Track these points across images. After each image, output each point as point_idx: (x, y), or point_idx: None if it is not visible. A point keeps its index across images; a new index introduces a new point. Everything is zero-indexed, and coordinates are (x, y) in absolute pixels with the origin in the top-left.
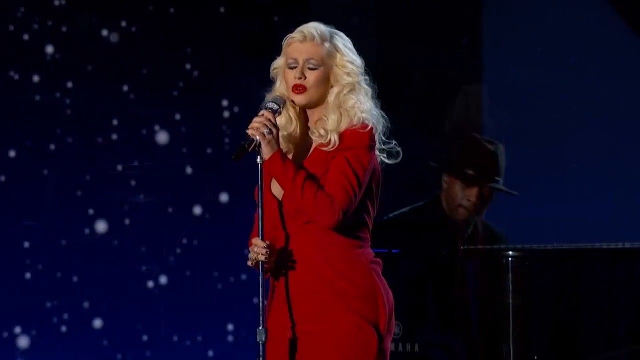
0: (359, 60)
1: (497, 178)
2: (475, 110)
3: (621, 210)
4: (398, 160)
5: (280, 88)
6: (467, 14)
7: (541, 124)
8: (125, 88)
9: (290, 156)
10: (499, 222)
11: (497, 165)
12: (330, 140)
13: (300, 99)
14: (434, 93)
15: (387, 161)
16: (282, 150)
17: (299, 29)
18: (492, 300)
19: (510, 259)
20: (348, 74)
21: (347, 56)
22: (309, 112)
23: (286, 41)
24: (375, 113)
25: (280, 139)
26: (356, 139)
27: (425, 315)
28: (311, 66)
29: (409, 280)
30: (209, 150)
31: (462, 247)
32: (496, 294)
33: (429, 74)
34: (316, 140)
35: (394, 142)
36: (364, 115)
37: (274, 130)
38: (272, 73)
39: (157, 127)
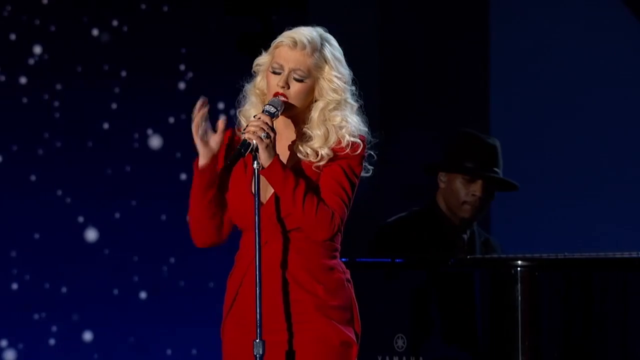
0: (346, 73)
1: (496, 169)
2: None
3: (635, 218)
4: (368, 174)
5: (261, 84)
6: (473, 13)
7: (549, 128)
8: (117, 90)
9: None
10: (505, 229)
11: (496, 157)
12: (321, 156)
13: None
14: (438, 93)
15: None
16: (279, 156)
17: (291, 33)
18: (500, 312)
19: (519, 269)
20: (334, 90)
21: (335, 69)
22: (292, 118)
23: (275, 42)
24: (362, 127)
25: None
26: (351, 148)
27: (430, 328)
28: (297, 77)
29: (413, 291)
30: None
31: (468, 257)
32: (504, 306)
33: (432, 73)
34: (304, 159)
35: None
36: (351, 137)
37: (272, 135)
38: (254, 68)
39: (149, 131)
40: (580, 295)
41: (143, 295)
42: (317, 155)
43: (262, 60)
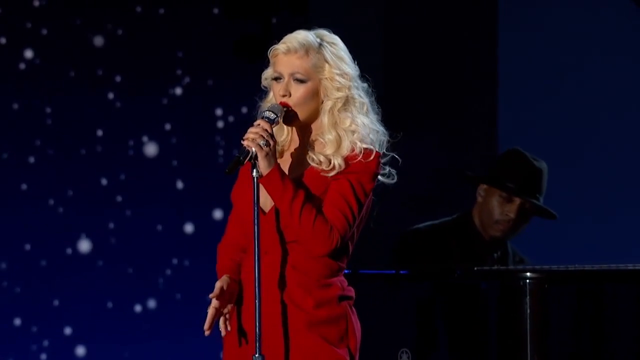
0: (351, 71)
1: (538, 196)
2: None
3: None
4: (393, 181)
5: (273, 99)
6: (480, 15)
7: (559, 135)
8: (111, 95)
9: (284, 168)
10: (514, 240)
11: (540, 182)
12: (334, 165)
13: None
14: (443, 98)
15: (384, 181)
16: (279, 165)
17: (284, 39)
18: (509, 326)
19: (528, 281)
20: (338, 89)
21: (336, 68)
22: (302, 126)
23: (271, 51)
24: (372, 127)
25: None
26: (363, 164)
27: (435, 342)
28: (297, 78)
29: (418, 303)
30: (201, 163)
31: (475, 268)
32: (513, 319)
33: (436, 78)
34: (315, 166)
35: (393, 155)
36: (363, 144)
37: (271, 142)
38: (264, 82)
39: (145, 138)
40: (590, 308)
41: (138, 308)
42: (330, 164)
43: (268, 73)
